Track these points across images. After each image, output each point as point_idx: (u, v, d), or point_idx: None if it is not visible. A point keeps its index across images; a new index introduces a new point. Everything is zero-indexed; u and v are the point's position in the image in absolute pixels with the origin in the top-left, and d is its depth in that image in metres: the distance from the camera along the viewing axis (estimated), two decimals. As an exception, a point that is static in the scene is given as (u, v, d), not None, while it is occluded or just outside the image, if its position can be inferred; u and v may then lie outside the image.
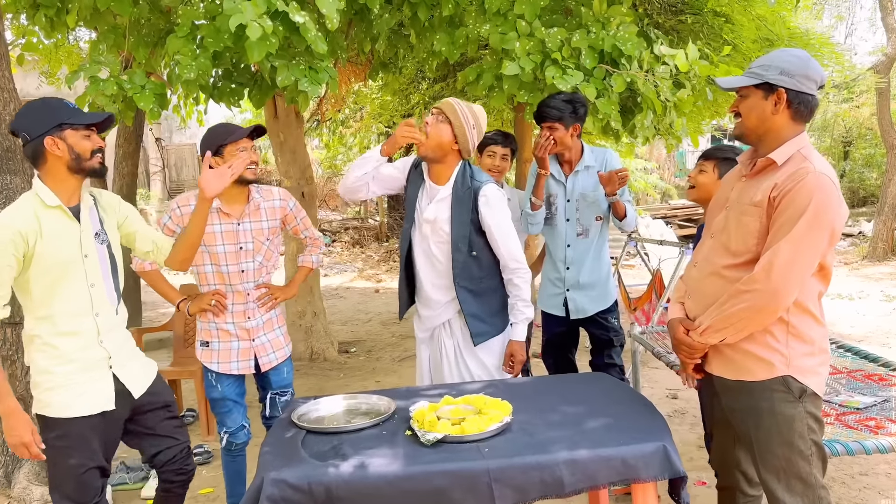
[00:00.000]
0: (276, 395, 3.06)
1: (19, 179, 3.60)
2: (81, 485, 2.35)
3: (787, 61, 2.03)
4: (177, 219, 2.89)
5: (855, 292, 8.85)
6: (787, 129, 2.07)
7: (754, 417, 2.14)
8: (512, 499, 1.93)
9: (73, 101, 2.38)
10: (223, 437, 3.01)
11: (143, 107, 3.56)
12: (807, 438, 2.10)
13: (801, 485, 2.10)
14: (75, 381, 2.31)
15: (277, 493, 1.89)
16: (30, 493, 3.55)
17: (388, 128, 10.84)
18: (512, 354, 2.90)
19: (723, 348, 2.17)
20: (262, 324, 3.00)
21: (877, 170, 16.39)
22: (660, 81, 3.94)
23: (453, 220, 2.82)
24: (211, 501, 3.64)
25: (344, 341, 7.17)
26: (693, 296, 2.28)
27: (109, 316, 2.41)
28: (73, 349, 2.32)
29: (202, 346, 2.98)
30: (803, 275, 2.01)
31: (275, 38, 3.26)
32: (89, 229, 2.36)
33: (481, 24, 4.07)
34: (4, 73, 3.55)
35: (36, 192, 2.26)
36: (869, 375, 3.14)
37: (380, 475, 1.92)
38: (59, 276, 2.26)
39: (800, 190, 1.98)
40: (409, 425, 2.19)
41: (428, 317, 2.98)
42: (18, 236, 2.17)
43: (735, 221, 2.13)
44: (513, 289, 2.89)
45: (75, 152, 2.24)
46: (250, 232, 2.91)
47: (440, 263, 2.89)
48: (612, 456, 1.97)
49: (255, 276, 2.95)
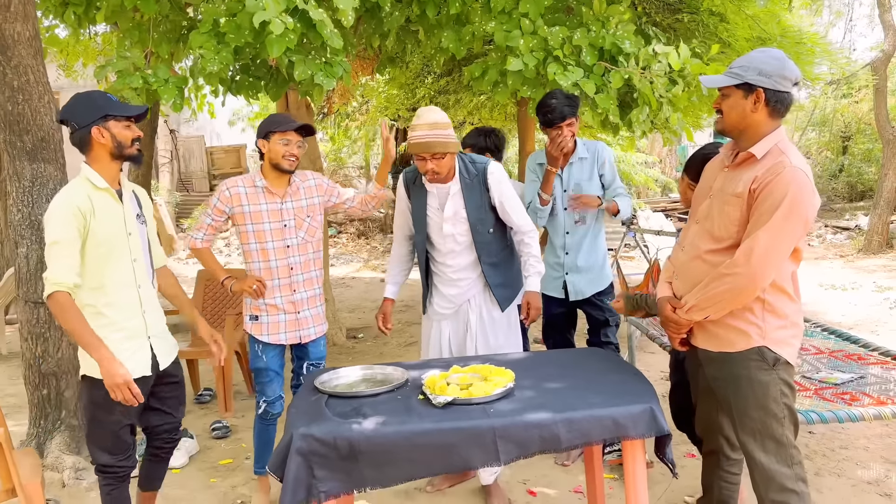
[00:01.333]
0: (312, 366, 3.30)
1: (52, 168, 3.82)
2: (118, 439, 2.64)
3: (764, 62, 2.22)
4: (226, 200, 3.12)
5: (848, 283, 9.06)
6: (766, 125, 2.26)
7: (733, 384, 2.36)
8: (514, 453, 2.16)
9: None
10: (261, 406, 3.23)
11: (167, 99, 3.78)
12: (780, 402, 2.32)
13: (774, 444, 2.32)
14: (123, 348, 2.55)
15: (305, 446, 2.11)
16: (62, 461, 3.77)
17: (394, 121, 11.02)
18: (528, 303, 3.14)
19: (706, 324, 2.39)
20: (306, 298, 3.22)
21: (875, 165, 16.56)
22: (655, 78, 4.15)
23: (468, 207, 3.08)
24: (230, 471, 3.87)
25: (352, 328, 7.39)
26: (680, 276, 2.50)
27: (149, 289, 2.69)
28: (121, 318, 2.57)
29: (251, 319, 3.21)
30: (779, 260, 2.22)
31: (293, 35, 3.47)
32: (131, 210, 2.64)
33: (487, 21, 4.27)
34: (39, 67, 3.77)
35: (86, 176, 2.52)
36: (849, 355, 3.36)
37: (396, 431, 2.14)
38: (108, 251, 2.52)
39: (777, 183, 2.16)
40: (421, 391, 2.40)
41: (455, 295, 3.20)
42: (78, 212, 2.43)
43: (718, 210, 2.34)
44: (525, 248, 3.17)
45: (117, 140, 2.51)
46: (292, 210, 3.15)
47: (465, 250, 3.14)
48: (604, 416, 2.19)
49: (299, 252, 3.17)
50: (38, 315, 3.87)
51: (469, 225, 3.09)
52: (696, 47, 5.00)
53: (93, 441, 2.67)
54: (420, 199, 3.14)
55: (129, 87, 3.72)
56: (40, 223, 3.81)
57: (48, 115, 3.81)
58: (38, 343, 3.88)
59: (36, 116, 3.75)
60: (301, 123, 3.11)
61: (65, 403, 3.98)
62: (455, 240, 3.11)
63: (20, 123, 3.72)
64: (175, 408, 2.89)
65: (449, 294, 3.20)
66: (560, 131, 3.44)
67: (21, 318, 3.92)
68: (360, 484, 2.15)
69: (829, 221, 15.32)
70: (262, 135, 3.08)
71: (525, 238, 3.17)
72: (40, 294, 3.85)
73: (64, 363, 3.94)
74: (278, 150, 3.04)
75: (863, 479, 3.47)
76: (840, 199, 17.84)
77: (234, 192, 3.10)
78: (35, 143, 3.76)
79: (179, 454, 3.95)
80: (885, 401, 2.72)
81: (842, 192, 18.02)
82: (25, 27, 3.69)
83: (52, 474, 3.71)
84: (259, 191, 3.10)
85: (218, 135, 23.78)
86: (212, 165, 20.26)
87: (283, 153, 3.04)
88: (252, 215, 3.08)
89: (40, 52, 3.80)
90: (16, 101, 3.70)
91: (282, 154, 3.04)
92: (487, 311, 3.20)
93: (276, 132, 3.05)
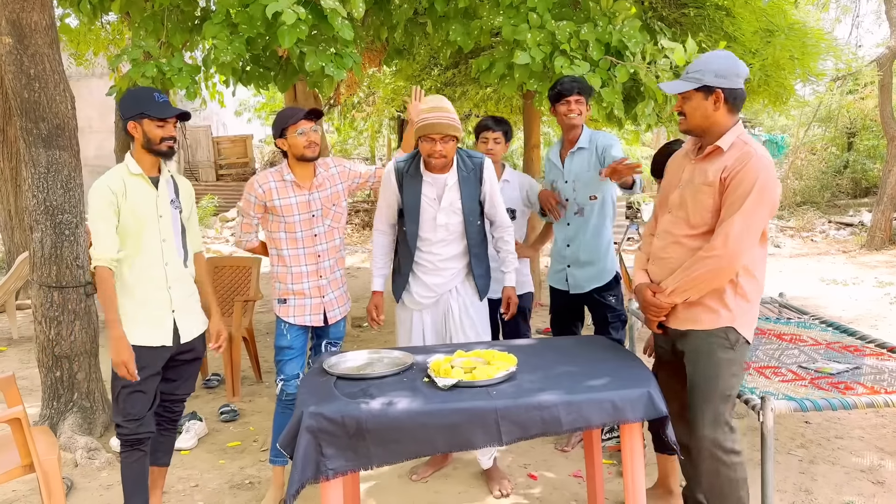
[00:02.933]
0: (330, 344, 3.41)
1: (67, 154, 3.90)
2: (136, 400, 2.84)
3: (719, 64, 2.40)
4: (260, 196, 3.21)
5: (850, 278, 9.11)
6: (727, 121, 2.46)
7: (693, 358, 2.54)
8: (516, 434, 2.24)
9: (160, 92, 2.87)
10: (279, 385, 3.32)
11: (180, 87, 3.86)
12: (730, 381, 2.51)
13: (714, 416, 2.51)
14: (146, 317, 2.82)
15: (315, 424, 2.19)
16: (74, 441, 3.86)
17: (400, 112, 11.07)
18: (509, 297, 3.32)
19: (679, 305, 2.55)
20: (330, 282, 3.34)
21: (879, 161, 16.55)
22: (661, 73, 4.20)
23: (464, 199, 3.16)
24: (238, 453, 3.96)
25: (356, 317, 7.46)
26: (657, 262, 2.65)
27: (178, 267, 2.91)
28: (147, 290, 2.82)
29: (280, 303, 3.32)
30: (753, 242, 2.41)
31: (305, 25, 3.55)
32: (166, 196, 2.88)
33: (495, 15, 4.33)
34: (55, 56, 3.85)
35: (126, 162, 2.81)
36: (845, 347, 3.43)
37: (403, 411, 2.22)
38: (138, 230, 2.77)
39: (747, 171, 2.36)
40: (426, 374, 2.48)
41: (438, 284, 3.25)
42: (112, 195, 2.73)
43: (692, 199, 2.50)
44: (503, 244, 3.32)
45: (147, 137, 2.78)
46: (319, 200, 3.26)
47: (455, 240, 3.22)
48: (604, 399, 2.27)
49: (326, 238, 3.30)
50: (51, 299, 3.96)
51: (463, 216, 3.17)
52: (702, 41, 5.04)
53: (114, 399, 2.89)
54: (414, 188, 3.17)
55: (142, 75, 3.79)
56: (55, 209, 3.90)
57: (63, 102, 3.90)
58: (52, 326, 3.98)
59: (52, 104, 3.83)
60: (308, 109, 3.19)
61: (77, 385, 4.08)
62: (447, 229, 3.19)
63: (36, 111, 3.81)
64: (186, 380, 3.08)
65: (432, 283, 3.24)
66: (568, 106, 3.52)
67: (35, 301, 4.01)
68: (367, 462, 2.23)
69: (832, 217, 15.33)
70: (278, 135, 3.20)
71: (505, 235, 3.30)
72: (54, 278, 3.95)
73: (77, 346, 4.04)
74: (297, 142, 3.14)
75: (856, 468, 3.55)
76: (844, 195, 17.82)
77: (267, 189, 3.21)
78: (50, 130, 3.84)
79: (188, 436, 4.05)
80: (879, 390, 2.79)
81: (846, 188, 17.99)
82: (42, 16, 3.77)
83: (65, 454, 3.80)
84: (288, 184, 3.21)
85: (224, 125, 23.85)
86: (218, 155, 20.35)
87: (303, 144, 3.13)
88: (283, 208, 3.20)
89: (56, 41, 3.88)
90: (32, 88, 3.78)
91: (302, 145, 3.14)
92: (470, 300, 3.28)
93: (289, 127, 3.14)
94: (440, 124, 2.99)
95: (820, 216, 15.54)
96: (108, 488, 3.52)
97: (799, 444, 3.84)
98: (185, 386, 3.10)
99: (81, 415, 4.05)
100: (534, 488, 3.44)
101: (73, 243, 4.00)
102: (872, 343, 3.42)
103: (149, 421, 2.87)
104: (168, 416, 3.08)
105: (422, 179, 3.16)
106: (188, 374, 3.09)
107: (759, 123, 20.36)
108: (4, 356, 6.28)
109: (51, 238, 3.91)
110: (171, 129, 2.81)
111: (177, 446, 4.01)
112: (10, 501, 3.43)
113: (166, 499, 3.42)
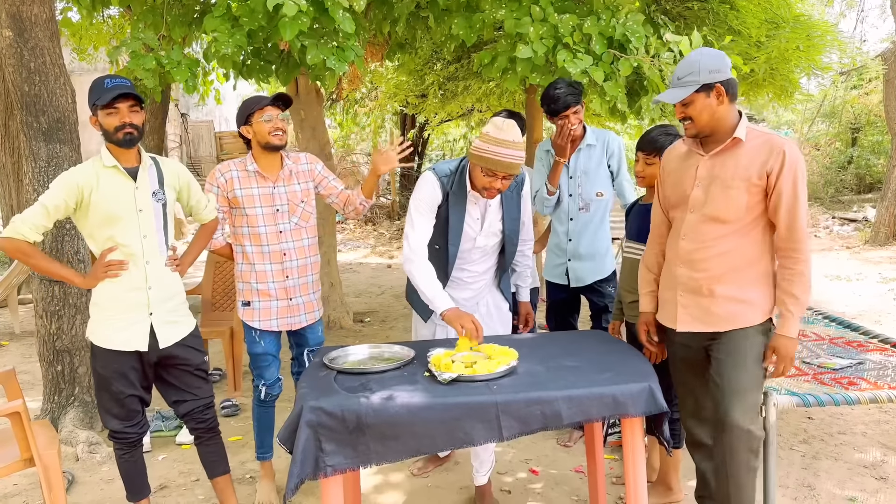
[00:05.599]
0: (312, 352, 3.26)
1: (67, 148, 3.89)
2: (123, 407, 2.75)
3: (707, 61, 2.38)
4: (222, 186, 3.08)
5: (853, 274, 9.06)
6: (732, 112, 2.44)
7: (732, 353, 2.46)
8: (516, 429, 2.22)
9: (115, 74, 2.71)
10: (261, 390, 3.22)
11: (179, 79, 3.84)
12: (763, 370, 2.48)
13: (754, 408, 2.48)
14: (119, 319, 2.68)
15: (315, 418, 2.18)
16: (75, 436, 3.87)
17: (403, 107, 11.05)
18: (528, 313, 3.26)
19: (718, 308, 2.48)
20: (299, 285, 3.17)
21: (884, 156, 16.47)
22: (664, 66, 4.17)
23: (506, 219, 2.99)
24: (240, 447, 3.95)
25: (358, 312, 7.47)
26: (689, 265, 2.52)
27: (158, 266, 2.74)
28: (122, 290, 2.67)
29: (244, 305, 3.17)
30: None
31: (306, 18, 3.52)
32: (146, 188, 2.70)
33: (497, 9, 4.29)
34: (55, 49, 3.83)
35: (100, 154, 2.65)
36: (849, 342, 3.41)
37: (403, 405, 2.20)
38: (112, 224, 2.63)
39: (790, 163, 2.35)
40: (427, 368, 2.46)
41: (468, 298, 3.07)
42: (75, 186, 2.58)
43: (722, 195, 2.42)
44: (523, 259, 3.21)
45: (104, 128, 2.62)
46: (285, 195, 3.10)
47: (488, 258, 3.06)
48: (605, 393, 2.25)
49: (293, 237, 3.13)
50: (52, 293, 3.96)
51: (504, 236, 3.01)
52: (707, 35, 5.01)
53: (101, 405, 2.80)
54: (459, 207, 2.90)
55: (142, 68, 3.78)
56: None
57: (64, 96, 3.88)
58: (53, 320, 3.98)
59: (52, 98, 3.82)
60: (275, 95, 3.06)
61: (78, 379, 4.08)
62: (483, 250, 3.03)
63: (36, 104, 3.79)
64: (193, 388, 2.88)
65: (460, 297, 3.02)
66: (566, 120, 3.48)
67: (36, 295, 4.01)
68: (366, 460, 2.20)
69: (836, 213, 15.27)
70: (243, 122, 3.04)
71: (526, 249, 3.19)
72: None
73: (78, 340, 4.03)
74: (263, 129, 2.99)
75: (859, 463, 3.53)
76: (848, 190, 17.74)
77: (228, 178, 3.07)
78: (51, 123, 3.83)
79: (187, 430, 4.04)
80: (882, 386, 2.78)
81: (850, 184, 17.91)
82: (42, 9, 3.76)
83: (66, 448, 3.80)
84: (251, 175, 3.07)
85: (227, 120, 23.82)
86: (220, 150, 20.34)
87: (268, 130, 2.99)
88: (244, 199, 3.05)
89: (56, 34, 3.87)
90: (32, 82, 3.77)
91: (267, 131, 2.99)
92: (496, 306, 3.16)
93: (254, 113, 3.01)
94: (508, 164, 2.66)
95: (824, 212, 15.48)
96: (109, 482, 3.52)
97: (802, 439, 3.82)
98: (197, 391, 2.89)
99: (82, 409, 4.05)
100: (535, 483, 3.43)
101: (74, 238, 3.99)
102: (876, 338, 3.40)
103: (142, 420, 2.82)
104: (199, 427, 2.93)
105: (466, 198, 2.89)
106: (191, 382, 2.88)
107: (763, 119, 20.29)
108: (6, 351, 6.29)
109: (51, 232, 3.90)
110: (128, 115, 2.59)
111: (178, 441, 4.03)
112: (12, 495, 3.43)
113: (166, 493, 3.41)
